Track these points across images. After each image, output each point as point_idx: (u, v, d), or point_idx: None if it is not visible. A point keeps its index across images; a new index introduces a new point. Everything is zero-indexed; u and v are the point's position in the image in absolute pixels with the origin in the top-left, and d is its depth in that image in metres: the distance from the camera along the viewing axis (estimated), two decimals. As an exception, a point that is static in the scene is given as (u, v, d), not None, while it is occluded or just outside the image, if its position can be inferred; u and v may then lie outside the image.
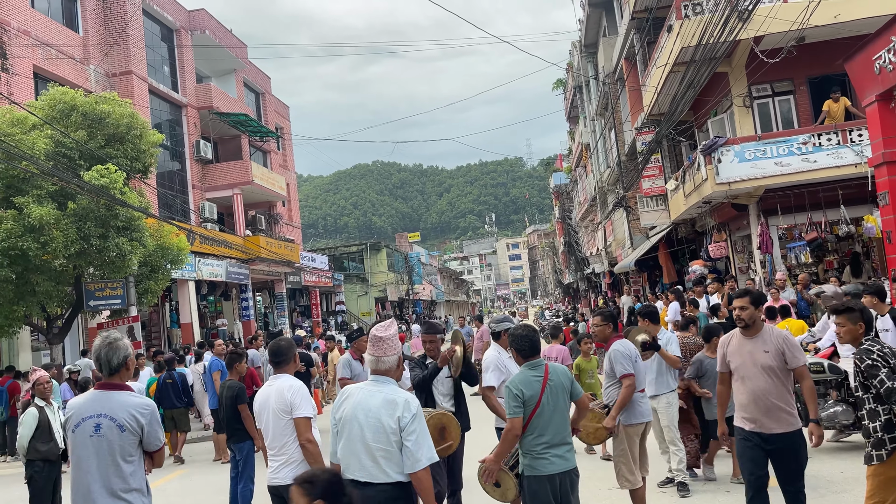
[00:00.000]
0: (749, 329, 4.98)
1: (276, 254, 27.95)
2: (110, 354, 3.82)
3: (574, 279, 53.52)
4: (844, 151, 14.09)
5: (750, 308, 4.97)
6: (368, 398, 3.77)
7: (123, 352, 3.85)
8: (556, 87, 45.66)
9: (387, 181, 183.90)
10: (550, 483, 4.31)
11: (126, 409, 3.74)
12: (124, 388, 3.84)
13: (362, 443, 3.70)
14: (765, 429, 4.83)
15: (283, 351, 4.70)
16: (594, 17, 28.71)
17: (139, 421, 3.74)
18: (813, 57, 15.23)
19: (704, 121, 18.00)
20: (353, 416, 3.76)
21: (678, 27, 15.21)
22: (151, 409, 3.83)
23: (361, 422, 3.72)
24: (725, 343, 5.16)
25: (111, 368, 3.82)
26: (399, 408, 3.68)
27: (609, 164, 29.47)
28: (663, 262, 21.89)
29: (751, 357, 4.93)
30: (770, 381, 4.83)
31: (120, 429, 3.71)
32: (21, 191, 13.20)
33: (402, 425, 3.65)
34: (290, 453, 4.48)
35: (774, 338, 4.90)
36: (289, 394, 4.48)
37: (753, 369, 4.89)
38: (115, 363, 3.82)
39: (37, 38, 18.95)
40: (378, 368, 3.89)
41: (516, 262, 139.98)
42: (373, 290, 47.17)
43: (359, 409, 3.75)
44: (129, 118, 14.88)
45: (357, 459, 3.71)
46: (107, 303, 15.05)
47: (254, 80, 32.66)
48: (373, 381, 3.88)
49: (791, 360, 4.84)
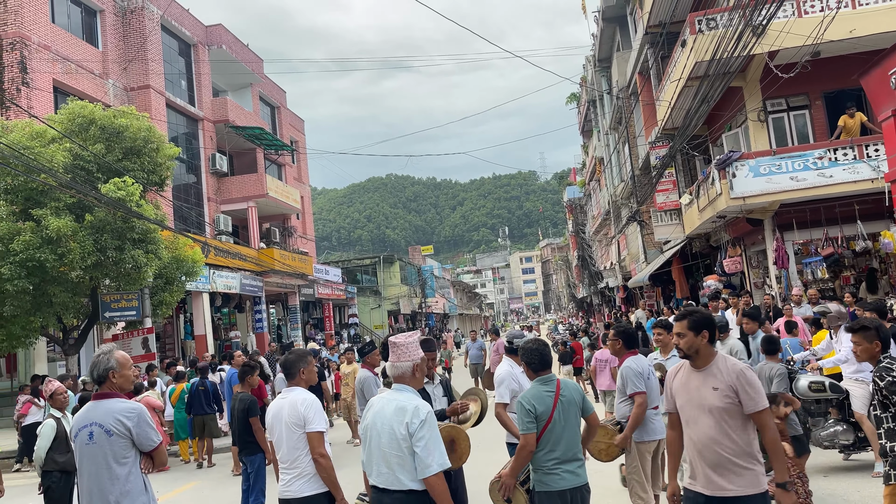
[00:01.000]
0: (695, 360, 3.90)
1: (289, 266, 28.07)
2: (93, 367, 4.18)
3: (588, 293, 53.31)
4: (861, 166, 14.00)
5: (688, 335, 3.87)
6: (385, 406, 3.87)
7: (104, 365, 4.15)
8: (569, 101, 45.72)
9: (400, 194, 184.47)
10: (561, 499, 4.28)
11: (112, 414, 4.02)
12: (113, 396, 4.12)
13: (379, 450, 3.81)
14: (711, 489, 3.74)
15: (290, 364, 4.69)
16: (608, 31, 28.76)
17: (125, 424, 4.00)
18: (828, 72, 15.17)
19: (719, 135, 17.94)
20: (373, 424, 3.89)
21: (692, 42, 15.21)
22: (137, 412, 4.08)
23: (378, 429, 3.83)
24: (672, 375, 4.09)
25: (95, 380, 4.19)
26: (408, 414, 3.73)
27: (623, 178, 29.42)
28: (677, 276, 21.77)
29: (697, 395, 3.86)
30: (718, 428, 3.74)
31: (108, 434, 3.98)
32: (39, 203, 13.37)
33: (410, 431, 3.70)
34: (302, 466, 4.45)
35: (728, 372, 3.78)
36: (302, 407, 4.46)
37: (697, 411, 3.84)
38: (96, 375, 4.16)
39: (57, 52, 19.25)
40: (394, 374, 3.99)
41: (529, 275, 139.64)
42: (386, 303, 47.20)
43: (377, 418, 3.88)
44: (146, 132, 15.05)
45: (376, 466, 3.83)
46: (122, 314, 15.16)
47: (269, 94, 32.95)
48: (393, 389, 3.98)
49: (746, 403, 3.71)
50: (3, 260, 12.74)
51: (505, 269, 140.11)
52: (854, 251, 14.69)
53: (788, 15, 14.12)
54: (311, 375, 4.73)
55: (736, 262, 17.29)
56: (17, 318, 13.38)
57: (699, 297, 19.34)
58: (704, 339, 3.86)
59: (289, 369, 4.69)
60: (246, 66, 29.24)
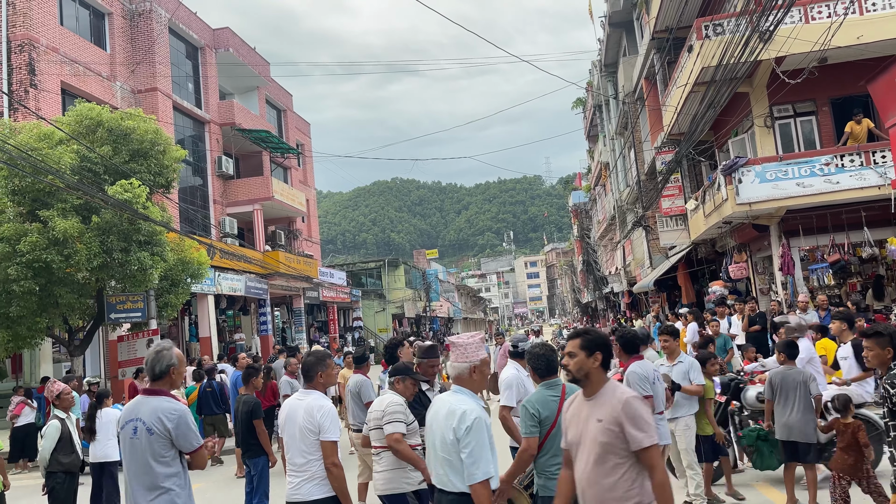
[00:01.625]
0: (585, 386, 3.45)
1: (294, 269, 28.10)
2: (154, 362, 4.14)
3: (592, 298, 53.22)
4: (867, 173, 13.95)
5: (579, 355, 3.43)
6: (440, 409, 3.93)
7: (167, 361, 4.14)
8: (575, 106, 45.69)
9: (406, 198, 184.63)
10: None
11: (156, 413, 4.00)
12: (162, 394, 4.10)
13: (434, 451, 3.89)
14: None
15: (309, 366, 4.65)
16: (614, 37, 28.77)
17: (165, 424, 3.98)
18: (835, 78, 15.14)
19: (725, 141, 17.91)
20: (430, 424, 3.98)
21: (699, 47, 15.19)
22: (179, 413, 4.03)
23: (434, 431, 3.91)
24: (567, 405, 3.66)
25: (154, 375, 4.14)
26: (455, 418, 3.75)
27: (628, 184, 29.39)
28: (682, 282, 21.71)
29: (584, 427, 3.40)
30: (598, 466, 3.29)
31: (149, 432, 3.98)
32: (46, 204, 13.42)
33: (458, 436, 3.71)
34: (313, 470, 4.43)
35: (614, 402, 3.31)
36: (318, 415, 4.41)
37: (581, 446, 3.41)
38: (158, 371, 4.14)
39: (65, 55, 19.35)
40: (453, 375, 4.00)
41: (534, 280, 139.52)
42: (390, 307, 47.21)
43: (433, 419, 3.96)
44: (153, 134, 15.11)
45: (433, 467, 3.92)
46: (127, 316, 15.19)
47: (276, 98, 33.04)
48: (452, 390, 4.01)
49: (630, 439, 3.20)
50: (9, 261, 12.80)
51: (510, 274, 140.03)
52: (860, 258, 14.63)
53: (795, 21, 14.10)
54: (329, 379, 4.68)
55: (742, 268, 17.24)
56: (23, 319, 13.42)
57: (705, 302, 19.30)
58: (597, 363, 3.40)
59: (307, 372, 4.65)
60: (253, 69, 29.33)
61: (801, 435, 6.33)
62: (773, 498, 7.06)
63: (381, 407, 5.24)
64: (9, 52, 18.10)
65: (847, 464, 5.91)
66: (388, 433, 5.06)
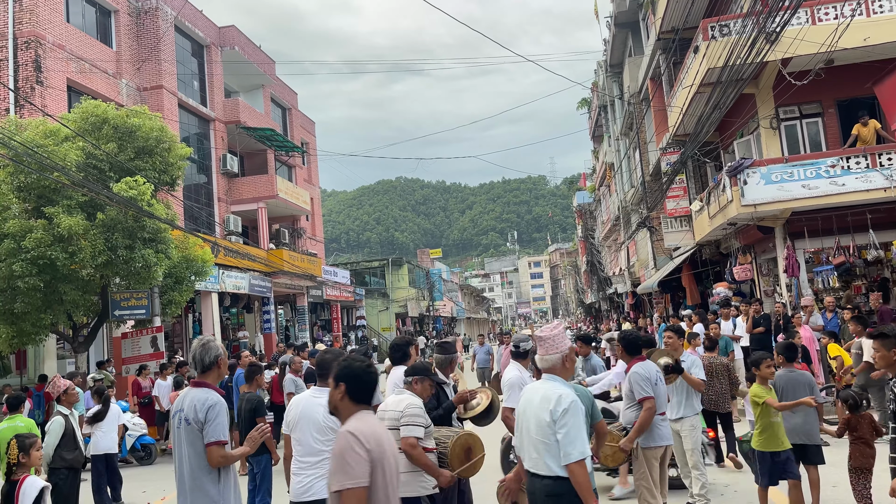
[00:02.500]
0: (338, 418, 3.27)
1: (298, 267, 28.13)
2: (203, 354, 4.26)
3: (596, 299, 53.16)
4: (873, 175, 13.90)
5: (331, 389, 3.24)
6: (533, 395, 4.06)
7: (214, 352, 4.27)
8: (580, 107, 45.63)
9: (410, 197, 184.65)
10: None
11: (193, 404, 4.11)
12: (205, 386, 4.21)
13: (528, 436, 3.99)
14: None
15: (327, 364, 4.60)
16: (620, 37, 28.73)
17: (198, 416, 4.08)
18: (842, 79, 15.10)
19: (730, 142, 17.88)
20: (523, 411, 4.08)
21: (705, 48, 15.16)
22: (210, 404, 4.09)
23: (528, 416, 4.00)
24: None
25: (203, 366, 4.25)
26: (552, 402, 3.87)
27: (633, 184, 29.34)
28: (687, 283, 21.68)
29: None
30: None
31: (187, 422, 4.11)
32: (51, 201, 13.45)
33: (554, 418, 3.83)
34: (326, 467, 4.29)
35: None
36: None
37: None
38: (207, 362, 4.24)
39: (71, 52, 19.39)
40: (543, 366, 4.15)
41: (538, 280, 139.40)
42: (393, 306, 47.22)
43: (527, 405, 4.06)
44: (158, 131, 15.13)
45: (527, 452, 4.00)
46: (132, 313, 15.22)
47: (281, 96, 33.07)
48: (543, 378, 4.14)
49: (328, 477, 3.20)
50: (14, 257, 12.83)
51: (513, 274, 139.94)
52: (866, 260, 14.59)
53: (802, 22, 14.07)
54: None
55: (746, 269, 17.20)
56: (27, 315, 13.45)
57: (709, 304, 19.26)
58: (340, 394, 3.18)
59: (325, 370, 4.59)
60: (258, 67, 29.36)
61: (808, 437, 6.35)
62: (775, 499, 7.04)
63: (399, 407, 4.96)
64: (15, 49, 18.14)
65: (869, 456, 6.13)
66: (403, 436, 4.84)
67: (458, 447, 5.02)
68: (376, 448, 2.96)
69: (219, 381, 4.37)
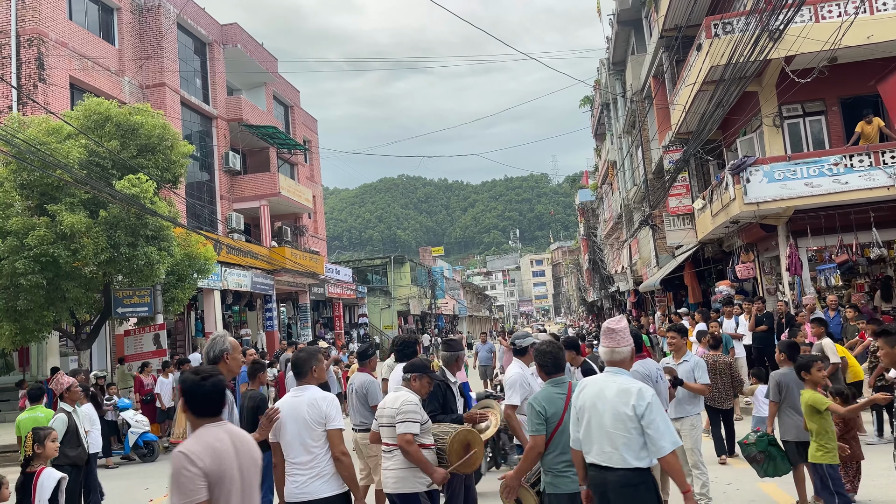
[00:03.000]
0: None
1: (300, 265, 28.15)
2: (209, 348, 4.46)
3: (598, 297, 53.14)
4: (877, 173, 13.87)
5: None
6: (605, 388, 4.04)
7: (220, 346, 4.44)
8: (583, 105, 45.58)
9: (412, 195, 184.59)
10: (572, 501, 4.26)
11: None
12: None
13: (601, 430, 3.95)
14: None
15: (301, 362, 4.58)
16: (623, 35, 28.68)
17: None
18: (845, 77, 15.06)
19: (733, 140, 17.84)
20: (593, 404, 4.03)
21: (708, 46, 15.13)
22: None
23: (600, 410, 3.98)
24: None
25: (209, 360, 4.42)
26: (633, 396, 3.91)
27: (635, 182, 29.31)
28: (689, 281, 21.66)
29: None
30: None
31: None
32: (54, 198, 13.47)
33: (638, 413, 3.87)
34: (321, 466, 4.34)
35: None
36: (324, 405, 4.36)
37: None
38: (212, 356, 4.42)
39: (74, 49, 19.40)
40: (613, 359, 4.15)
41: (540, 278, 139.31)
42: (395, 304, 47.24)
43: (598, 399, 4.02)
44: (161, 129, 15.14)
45: (598, 445, 3.97)
46: (134, 310, 15.26)
47: (283, 94, 33.07)
48: (609, 371, 4.15)
49: None
50: (17, 254, 12.85)
51: (515, 272, 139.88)
52: (869, 259, 14.56)
53: (805, 20, 14.03)
54: (321, 373, 4.64)
55: (749, 267, 17.18)
56: (30, 313, 13.49)
57: (711, 302, 19.24)
58: (183, 408, 3.24)
59: (300, 367, 4.59)
60: (260, 65, 29.36)
61: (803, 434, 6.30)
62: (776, 497, 7.04)
63: (395, 405, 5.03)
64: (18, 47, 18.16)
65: (856, 449, 6.27)
66: (400, 433, 4.89)
67: (456, 443, 5.02)
68: (212, 464, 2.99)
69: (230, 376, 4.43)
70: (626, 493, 3.86)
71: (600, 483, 3.95)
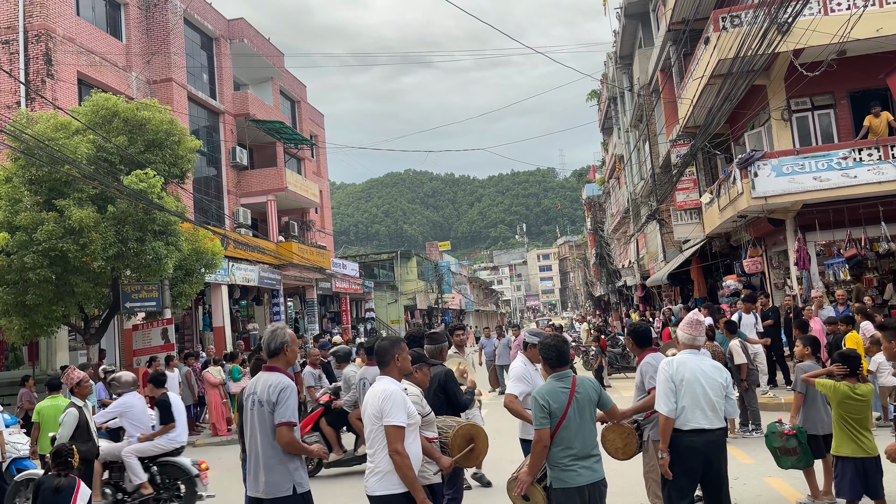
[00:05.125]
0: None
1: (307, 260, 28.20)
2: (270, 340, 4.55)
3: (605, 292, 53.07)
4: (886, 167, 13.80)
5: None
6: (701, 364, 5.03)
7: (281, 338, 4.54)
8: (590, 99, 45.46)
9: (418, 190, 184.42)
10: (580, 495, 4.28)
11: (266, 387, 4.38)
12: (275, 370, 4.49)
13: (705, 398, 4.92)
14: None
15: (384, 351, 4.47)
16: (630, 28, 28.55)
17: (270, 398, 4.34)
18: (854, 71, 14.97)
19: (741, 134, 17.76)
20: (696, 378, 4.94)
21: (716, 39, 15.06)
22: (282, 387, 4.36)
23: (703, 383, 4.93)
24: None
25: (270, 352, 4.55)
26: (722, 371, 5.13)
27: (643, 177, 29.23)
28: (696, 276, 21.61)
29: None
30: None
31: (261, 405, 4.38)
32: (63, 194, 13.52)
33: (726, 384, 5.08)
34: (377, 461, 4.21)
35: None
36: (381, 398, 4.23)
37: None
38: (273, 347, 4.53)
39: (81, 45, 19.45)
40: (694, 344, 5.12)
41: (547, 273, 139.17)
42: (402, 298, 47.29)
43: (699, 373, 4.96)
44: (168, 124, 15.17)
45: (701, 412, 4.91)
46: (142, 305, 15.32)
47: (290, 89, 33.08)
48: (690, 352, 5.09)
49: None
50: (26, 249, 12.92)
51: (522, 267, 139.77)
52: (877, 253, 14.50)
53: (814, 13, 13.95)
54: (405, 363, 4.52)
55: (756, 262, 17.12)
56: (39, 307, 13.55)
57: (718, 297, 19.20)
58: None
59: (382, 356, 4.44)
60: (267, 60, 29.36)
61: (828, 427, 6.36)
62: (783, 491, 7.03)
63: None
64: (26, 43, 18.21)
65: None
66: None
67: (459, 437, 5.03)
68: None
69: (288, 367, 4.59)
70: (723, 445, 5.02)
71: (703, 444, 4.87)
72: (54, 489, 5.43)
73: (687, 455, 4.88)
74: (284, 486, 4.30)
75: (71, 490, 5.45)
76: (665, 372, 4.99)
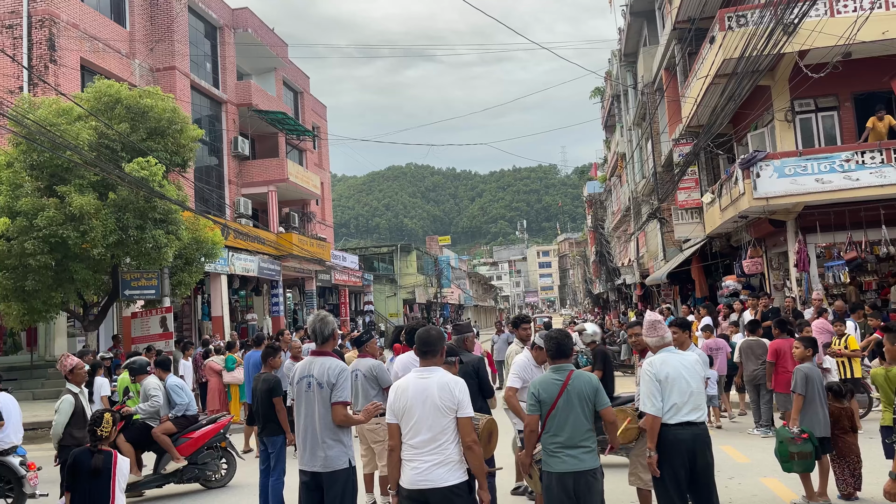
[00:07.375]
0: None
1: (307, 251, 28.19)
2: (322, 327, 4.91)
3: (604, 289, 53.10)
4: (888, 170, 13.78)
5: None
6: (682, 359, 5.08)
7: (331, 326, 4.94)
8: (593, 96, 45.41)
9: (420, 184, 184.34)
10: (559, 480, 4.46)
11: (324, 370, 4.78)
12: (328, 355, 4.89)
13: (691, 392, 4.97)
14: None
15: (433, 342, 4.35)
16: (635, 26, 28.49)
17: (330, 379, 4.75)
18: (859, 73, 14.94)
19: (744, 134, 17.74)
20: (679, 374, 4.98)
21: (721, 39, 15.02)
22: (340, 369, 4.79)
23: (686, 377, 4.99)
24: None
25: (323, 338, 4.93)
26: (702, 364, 5.25)
27: (644, 175, 29.20)
28: (696, 276, 21.60)
29: None
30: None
31: (319, 386, 4.76)
32: (64, 180, 13.52)
33: (707, 377, 5.42)
34: (447, 453, 4.14)
35: None
36: (457, 390, 4.17)
37: None
38: (326, 334, 4.93)
39: (85, 31, 19.40)
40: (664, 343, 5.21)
41: (546, 269, 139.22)
42: (401, 292, 47.32)
43: (681, 368, 5.01)
44: (170, 113, 15.15)
45: (690, 405, 4.97)
46: (141, 293, 15.32)
47: (293, 80, 33.02)
48: (667, 350, 5.13)
49: None
50: (26, 235, 12.92)
51: (522, 263, 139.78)
52: (878, 256, 14.50)
53: (821, 14, 13.90)
54: (442, 357, 4.48)
55: (756, 263, 17.12)
56: (38, 293, 13.56)
57: (717, 297, 19.20)
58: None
59: (430, 346, 4.33)
60: (271, 50, 29.30)
61: (827, 429, 6.46)
62: (778, 492, 7.04)
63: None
64: (29, 28, 18.17)
65: (851, 443, 6.48)
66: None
67: (485, 432, 5.03)
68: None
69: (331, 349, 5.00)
70: (708, 438, 5.00)
71: (690, 438, 4.89)
72: (91, 472, 4.86)
73: (677, 449, 4.88)
74: (342, 459, 4.78)
75: (108, 471, 4.86)
76: (648, 372, 5.02)
